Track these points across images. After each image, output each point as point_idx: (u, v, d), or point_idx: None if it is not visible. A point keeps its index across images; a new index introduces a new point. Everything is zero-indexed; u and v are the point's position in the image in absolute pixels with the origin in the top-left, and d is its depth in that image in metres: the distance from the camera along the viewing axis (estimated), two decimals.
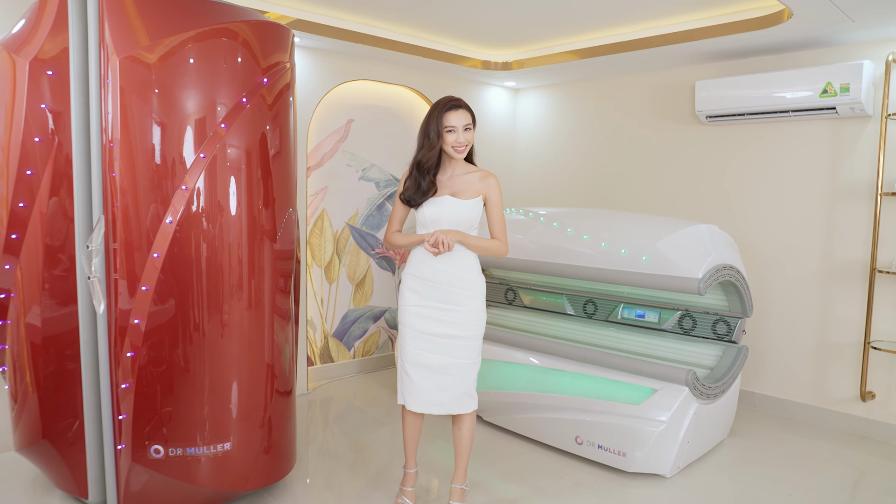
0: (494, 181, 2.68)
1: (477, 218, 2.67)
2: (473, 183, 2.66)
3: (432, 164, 2.63)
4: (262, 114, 2.67)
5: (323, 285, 4.62)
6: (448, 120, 2.58)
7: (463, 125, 2.59)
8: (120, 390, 2.53)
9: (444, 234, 2.55)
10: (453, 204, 2.63)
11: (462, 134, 2.59)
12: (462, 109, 2.61)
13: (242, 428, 2.71)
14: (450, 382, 2.66)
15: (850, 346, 3.88)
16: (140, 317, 2.50)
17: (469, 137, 2.62)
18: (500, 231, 2.69)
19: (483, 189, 2.67)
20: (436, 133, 2.60)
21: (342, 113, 4.61)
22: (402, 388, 2.74)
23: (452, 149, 2.61)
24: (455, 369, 2.66)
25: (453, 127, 2.58)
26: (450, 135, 2.59)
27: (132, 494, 2.60)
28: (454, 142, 2.60)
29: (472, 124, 2.62)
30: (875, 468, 3.42)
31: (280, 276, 2.82)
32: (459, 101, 2.62)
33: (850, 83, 3.60)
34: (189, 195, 2.51)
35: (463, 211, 2.63)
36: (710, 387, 3.24)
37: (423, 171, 2.65)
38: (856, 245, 3.85)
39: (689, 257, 3.23)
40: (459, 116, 2.59)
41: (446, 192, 2.66)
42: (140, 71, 2.44)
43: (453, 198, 2.64)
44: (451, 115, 2.59)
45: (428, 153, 2.62)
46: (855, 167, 3.84)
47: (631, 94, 4.90)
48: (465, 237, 2.61)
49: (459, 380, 2.66)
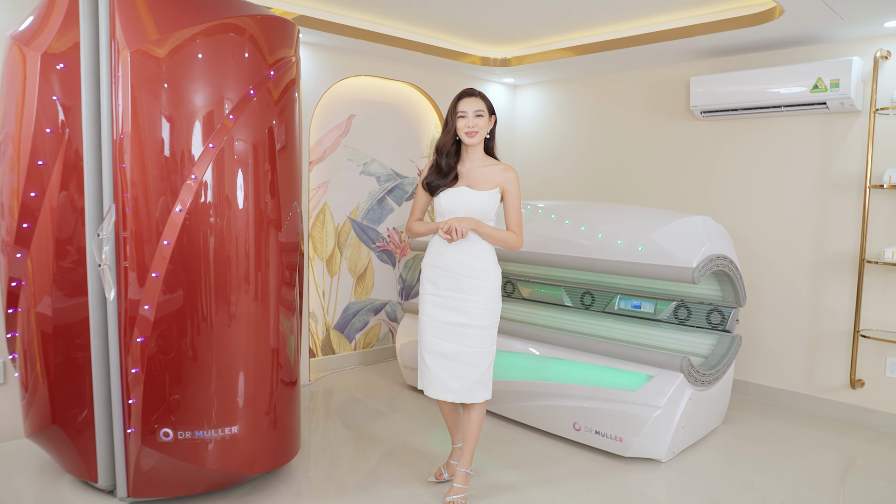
0: (513, 174, 2.76)
1: (492, 209, 2.74)
2: (492, 175, 2.75)
3: (449, 147, 2.76)
4: (269, 107, 2.73)
5: (325, 278, 4.69)
6: (459, 106, 2.72)
7: (473, 111, 2.70)
8: (130, 375, 2.60)
9: (457, 221, 2.64)
10: (470, 194, 2.72)
11: (472, 119, 2.69)
12: (474, 97, 2.72)
13: (249, 414, 2.77)
14: (463, 371, 2.73)
15: (841, 335, 3.98)
16: (150, 303, 2.57)
17: (480, 123, 2.71)
18: (516, 224, 2.77)
19: (501, 182, 2.75)
20: (452, 120, 2.74)
21: (344, 108, 4.68)
22: (421, 375, 2.84)
23: (465, 134, 2.71)
24: (468, 357, 2.72)
25: (464, 112, 2.70)
26: (461, 120, 2.71)
27: (142, 476, 2.66)
28: (465, 126, 2.70)
29: (484, 111, 2.72)
30: (864, 453, 3.51)
31: (285, 268, 2.88)
32: (473, 90, 2.75)
33: (839, 79, 3.69)
34: (198, 185, 2.57)
35: (478, 201, 2.71)
36: (705, 374, 3.33)
37: (442, 155, 2.77)
38: (846, 236, 3.94)
39: (683, 247, 3.31)
40: (471, 103, 2.71)
41: (465, 183, 2.76)
42: (150, 65, 2.50)
43: (469, 188, 2.73)
44: (462, 102, 2.72)
45: (444, 137, 2.76)
46: (845, 161, 3.93)
47: (627, 90, 4.98)
48: (480, 226, 2.69)
49: (472, 368, 2.73)
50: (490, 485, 3.04)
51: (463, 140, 2.74)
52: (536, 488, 3.02)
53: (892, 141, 3.75)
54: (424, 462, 3.27)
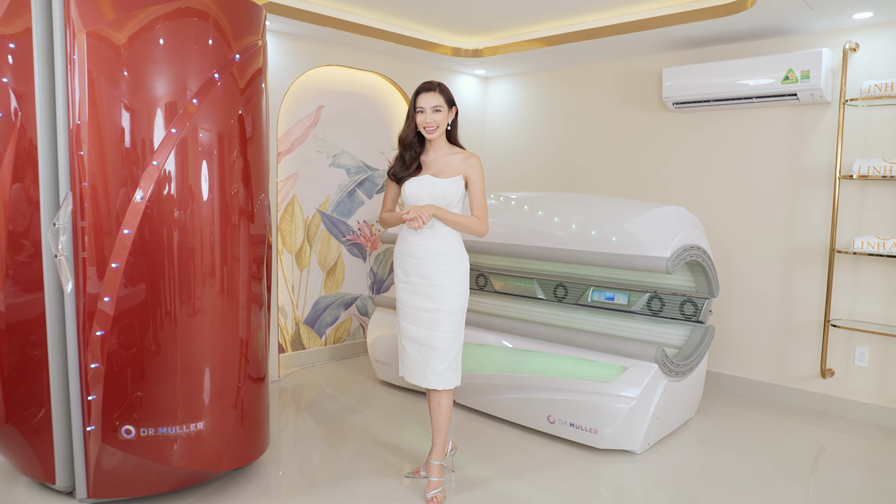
0: (476, 161, 2.77)
1: (456, 197, 2.74)
2: (455, 163, 2.76)
3: (412, 139, 2.77)
4: (235, 95, 2.65)
5: (294, 272, 4.60)
6: (418, 102, 2.72)
7: (431, 106, 2.70)
8: (89, 371, 2.50)
9: (418, 208, 2.64)
10: (433, 182, 2.73)
11: (430, 115, 2.70)
12: (433, 92, 2.72)
13: (215, 409, 2.69)
14: (434, 357, 2.73)
15: (811, 325, 4.00)
16: (110, 296, 2.46)
17: (438, 118, 2.71)
18: (480, 209, 2.76)
19: (464, 169, 2.75)
20: (412, 113, 2.75)
21: (313, 99, 4.59)
22: (401, 361, 2.86)
23: (423, 130, 2.72)
24: (438, 342, 2.73)
25: (422, 108, 2.71)
26: (419, 115, 2.73)
27: (102, 476, 2.56)
28: (423, 122, 2.72)
29: (443, 105, 2.71)
30: (834, 442, 3.53)
31: (253, 261, 2.80)
32: (431, 84, 2.74)
33: (810, 70, 3.71)
34: (159, 172, 2.48)
35: (440, 189, 2.72)
36: (679, 364, 3.32)
37: (405, 147, 2.79)
38: (816, 227, 3.97)
39: (656, 237, 3.29)
40: (428, 98, 2.70)
41: (429, 172, 2.78)
42: (109, 49, 2.39)
43: (433, 177, 2.75)
44: (420, 98, 2.71)
45: (406, 130, 2.78)
46: (815, 151, 3.96)
47: (600, 82, 4.96)
48: (442, 212, 2.68)
49: (444, 353, 2.73)
50: (463, 479, 2.99)
51: (423, 134, 2.75)
52: (510, 482, 2.98)
53: (860, 132, 3.78)
54: (397, 458, 3.21)
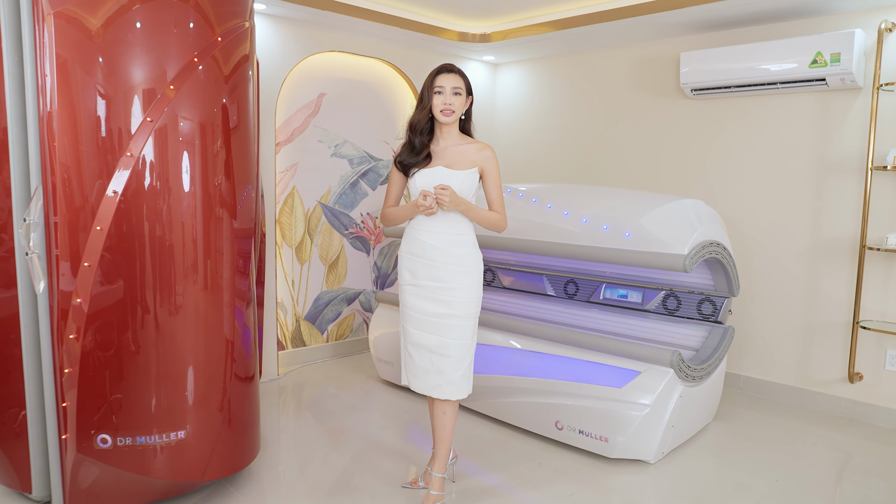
0: (491, 153, 2.60)
1: (471, 190, 2.56)
2: (469, 154, 2.59)
3: (423, 125, 2.59)
4: (218, 81, 2.47)
5: (294, 266, 4.43)
6: (437, 81, 2.55)
7: (451, 87, 2.53)
8: (63, 375, 2.34)
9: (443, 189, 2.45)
10: (447, 174, 2.54)
11: (450, 96, 2.53)
12: (454, 73, 2.56)
13: (198, 416, 2.54)
14: (446, 365, 2.54)
15: (838, 325, 3.77)
16: (83, 297, 2.31)
17: (457, 101, 2.55)
18: (499, 204, 2.60)
19: (479, 161, 2.58)
20: (428, 95, 2.56)
21: (313, 86, 4.40)
22: (405, 369, 2.67)
23: (441, 112, 2.53)
24: (451, 350, 2.54)
25: (441, 87, 2.53)
26: (438, 96, 2.54)
27: (79, 488, 2.41)
28: (441, 104, 2.53)
29: (462, 89, 2.56)
30: (862, 451, 3.31)
31: (238, 256, 2.63)
32: (453, 66, 2.58)
33: (840, 53, 3.46)
34: (134, 162, 2.31)
35: (456, 181, 2.53)
36: (696, 369, 3.11)
37: (416, 132, 2.60)
38: (845, 222, 3.72)
39: (673, 233, 3.08)
40: (449, 79, 2.54)
41: (440, 162, 2.58)
42: (80, 31, 2.22)
43: (446, 168, 2.56)
44: (440, 77, 2.55)
45: (419, 115, 2.59)
46: (844, 141, 3.71)
47: (613, 67, 4.73)
48: (465, 203, 2.50)
49: (458, 361, 2.55)
50: (467, 488, 2.82)
51: (437, 118, 2.56)
52: (516, 492, 2.80)
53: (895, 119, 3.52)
54: (401, 460, 3.04)
